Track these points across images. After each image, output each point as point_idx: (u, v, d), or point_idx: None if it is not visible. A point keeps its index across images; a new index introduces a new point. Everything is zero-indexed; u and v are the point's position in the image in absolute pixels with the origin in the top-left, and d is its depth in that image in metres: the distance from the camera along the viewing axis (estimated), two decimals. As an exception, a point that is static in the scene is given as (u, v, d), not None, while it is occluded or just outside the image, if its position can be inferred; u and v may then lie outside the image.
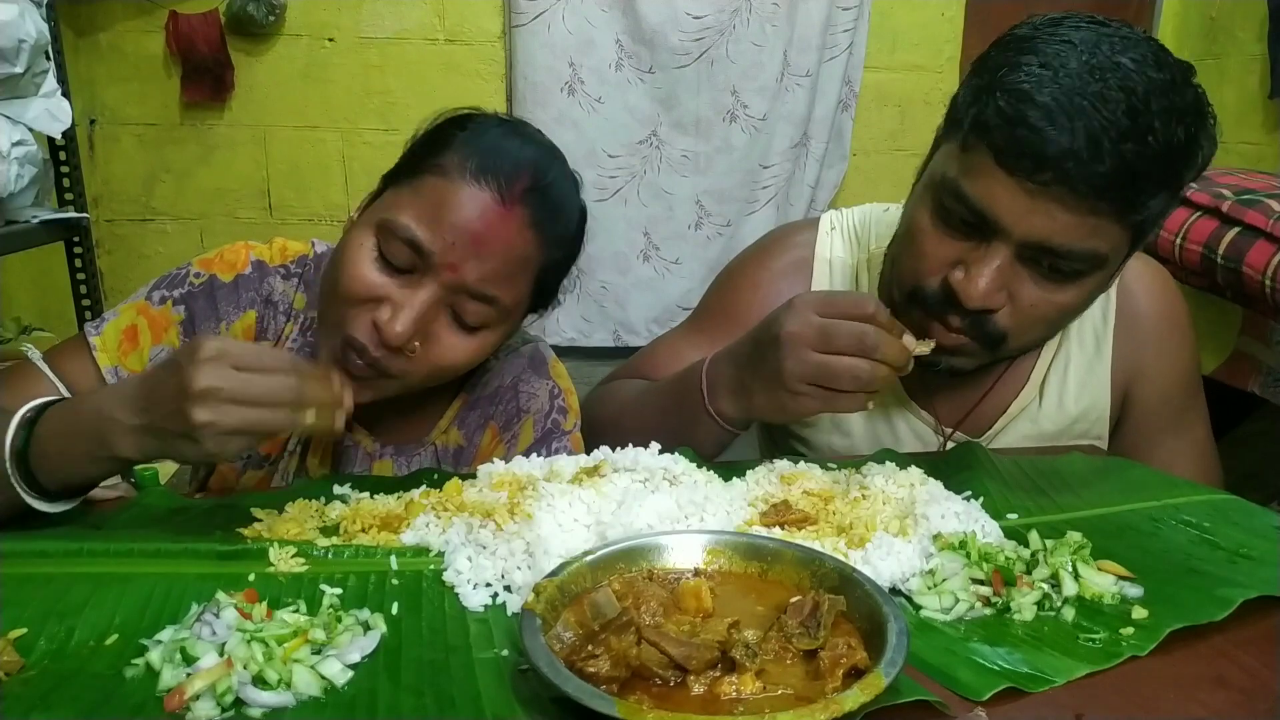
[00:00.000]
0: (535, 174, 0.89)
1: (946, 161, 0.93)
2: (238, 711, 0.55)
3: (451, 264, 0.86)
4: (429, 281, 0.87)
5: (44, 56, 1.78)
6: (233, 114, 3.07)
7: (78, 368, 0.96)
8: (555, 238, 0.93)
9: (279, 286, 1.04)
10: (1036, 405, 1.13)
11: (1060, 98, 0.83)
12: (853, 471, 0.90)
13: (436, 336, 0.90)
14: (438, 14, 3.12)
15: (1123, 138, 0.82)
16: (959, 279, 0.91)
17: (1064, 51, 0.85)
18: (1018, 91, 0.85)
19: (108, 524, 0.79)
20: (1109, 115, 0.82)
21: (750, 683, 0.55)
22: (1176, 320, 1.15)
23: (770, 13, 3.22)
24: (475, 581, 0.70)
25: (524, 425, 1.04)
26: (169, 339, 0.99)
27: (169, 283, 1.01)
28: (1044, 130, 0.83)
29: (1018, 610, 0.68)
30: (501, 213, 0.87)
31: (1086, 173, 0.83)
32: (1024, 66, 0.86)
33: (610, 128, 3.26)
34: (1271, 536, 0.81)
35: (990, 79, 0.89)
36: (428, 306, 0.87)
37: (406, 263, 0.87)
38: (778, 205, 3.50)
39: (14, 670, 0.58)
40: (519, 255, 0.90)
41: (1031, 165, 0.84)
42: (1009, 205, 0.87)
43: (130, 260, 3.08)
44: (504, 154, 0.89)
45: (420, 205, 0.87)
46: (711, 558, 0.70)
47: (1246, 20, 3.21)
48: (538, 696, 0.56)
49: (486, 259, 0.87)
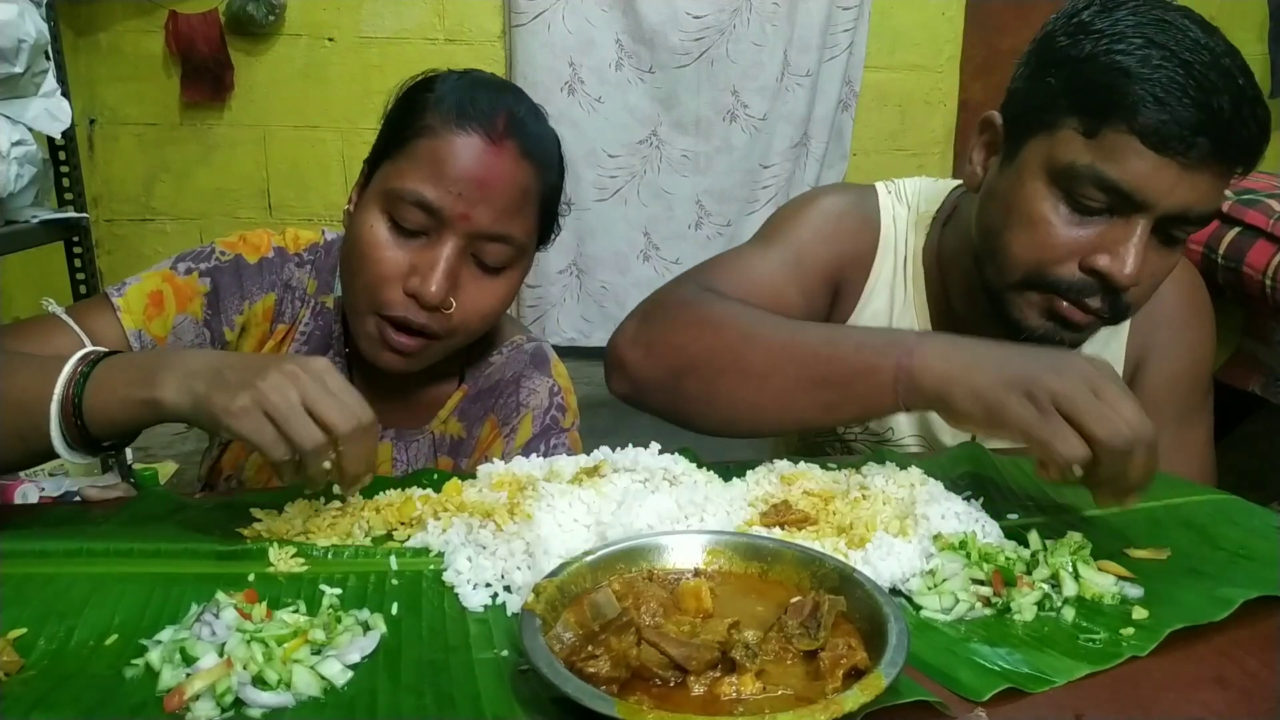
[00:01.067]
0: (511, 109, 0.94)
1: (1067, 150, 0.92)
2: (237, 712, 0.55)
3: (463, 213, 0.90)
4: (447, 235, 0.91)
5: (44, 56, 1.78)
6: (232, 114, 3.07)
7: (102, 325, 0.95)
8: (547, 164, 0.97)
9: (296, 274, 1.06)
10: None
11: (1191, 75, 0.86)
12: (853, 472, 0.90)
13: (467, 287, 0.94)
14: (438, 14, 3.12)
15: (1251, 102, 0.88)
16: (1106, 263, 0.92)
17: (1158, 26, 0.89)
18: (1146, 76, 0.88)
19: (108, 524, 0.79)
20: (1233, 84, 0.87)
21: (750, 683, 0.55)
22: (1197, 309, 1.16)
23: (770, 12, 3.23)
24: (475, 582, 0.70)
25: (523, 420, 1.04)
26: (193, 309, 1.00)
27: (194, 256, 1.02)
28: (1192, 108, 0.86)
29: (1018, 610, 0.68)
30: (495, 151, 0.91)
31: (1235, 140, 0.88)
32: (1126, 40, 0.89)
33: (610, 128, 3.26)
34: (1271, 536, 0.81)
35: (1091, 64, 0.90)
36: (454, 260, 0.91)
37: (421, 225, 0.91)
38: (778, 205, 3.49)
39: (14, 670, 0.58)
40: (521, 187, 0.93)
41: (1184, 143, 0.87)
42: (1159, 183, 0.89)
43: (130, 260, 3.08)
44: (478, 99, 0.93)
45: (419, 167, 0.91)
46: (711, 558, 0.70)
47: (1246, 20, 3.21)
48: (538, 697, 0.56)
49: (494, 199, 0.91)
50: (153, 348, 0.95)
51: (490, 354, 1.09)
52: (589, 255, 3.45)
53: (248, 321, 1.03)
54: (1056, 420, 0.75)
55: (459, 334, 0.96)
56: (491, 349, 1.10)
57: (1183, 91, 0.87)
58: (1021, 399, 0.77)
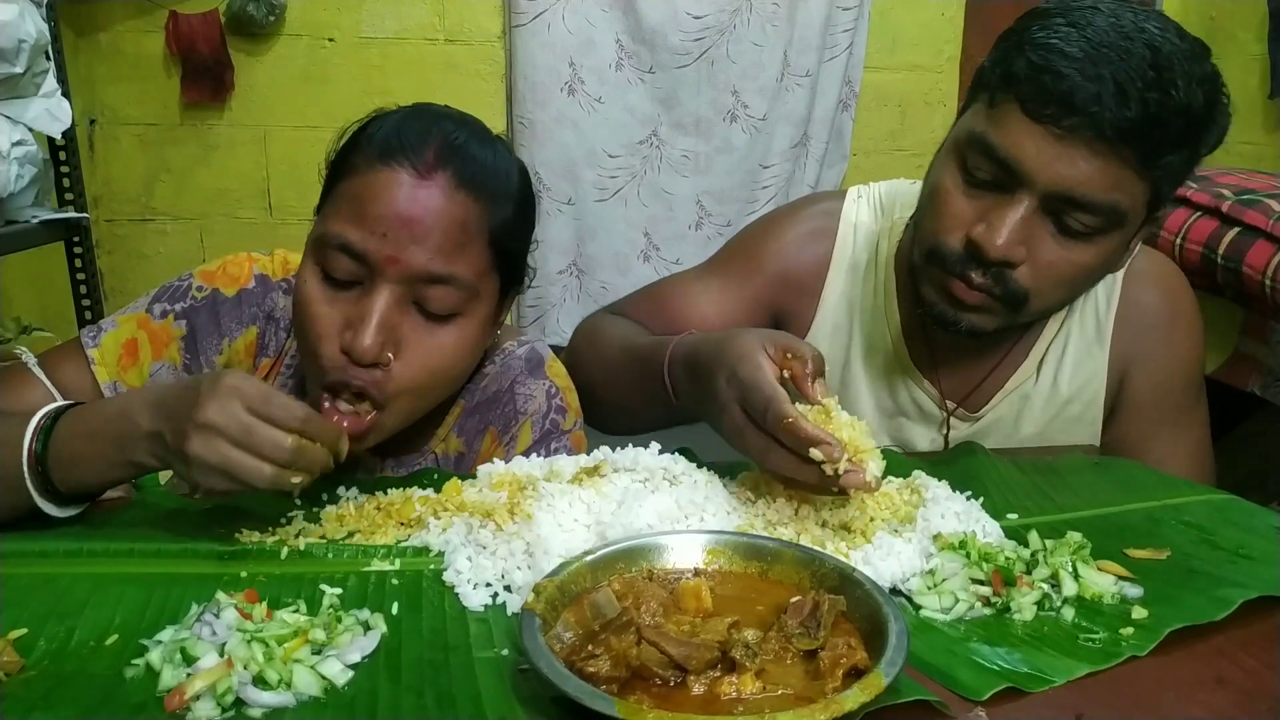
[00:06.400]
0: (444, 138, 0.86)
1: (973, 120, 0.95)
2: (238, 712, 0.55)
3: (391, 256, 0.82)
4: (379, 283, 0.83)
5: (44, 56, 1.78)
6: (233, 114, 3.07)
7: (73, 377, 0.95)
8: (492, 193, 0.88)
9: (280, 302, 1.03)
10: (1032, 382, 1.14)
11: (1088, 49, 0.87)
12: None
13: (410, 341, 0.85)
14: (438, 14, 3.12)
15: (1147, 87, 0.85)
16: (980, 231, 0.92)
17: (1091, 15, 0.89)
18: (1046, 45, 0.89)
19: (108, 524, 0.79)
20: (1135, 66, 0.85)
21: (750, 683, 0.55)
22: (1184, 315, 1.15)
23: (770, 13, 3.22)
24: (475, 581, 0.70)
25: (522, 427, 1.03)
26: (169, 355, 0.98)
27: (170, 295, 1.00)
28: (1072, 77, 0.86)
29: (1018, 610, 0.68)
30: (422, 183, 0.83)
31: (1112, 117, 0.86)
32: (1052, 26, 0.90)
33: (610, 128, 3.26)
34: (1271, 536, 0.82)
35: (1019, 38, 0.93)
36: (387, 309, 0.83)
37: (351, 274, 0.84)
38: (778, 205, 3.49)
39: (14, 670, 0.58)
40: (458, 221, 0.85)
41: (1059, 110, 0.87)
42: (1035, 153, 0.89)
43: (130, 260, 3.08)
44: (406, 131, 0.85)
45: (343, 211, 0.85)
46: (711, 558, 0.70)
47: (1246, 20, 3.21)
48: (538, 696, 0.56)
49: (424, 236, 0.83)
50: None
51: (483, 365, 1.06)
52: (589, 255, 3.45)
53: (229, 360, 1.00)
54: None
55: (408, 395, 0.86)
56: (485, 361, 1.08)
57: (1066, 61, 0.87)
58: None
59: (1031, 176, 0.89)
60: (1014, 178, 0.91)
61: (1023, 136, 0.89)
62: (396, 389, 0.85)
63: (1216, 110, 0.90)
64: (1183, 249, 1.66)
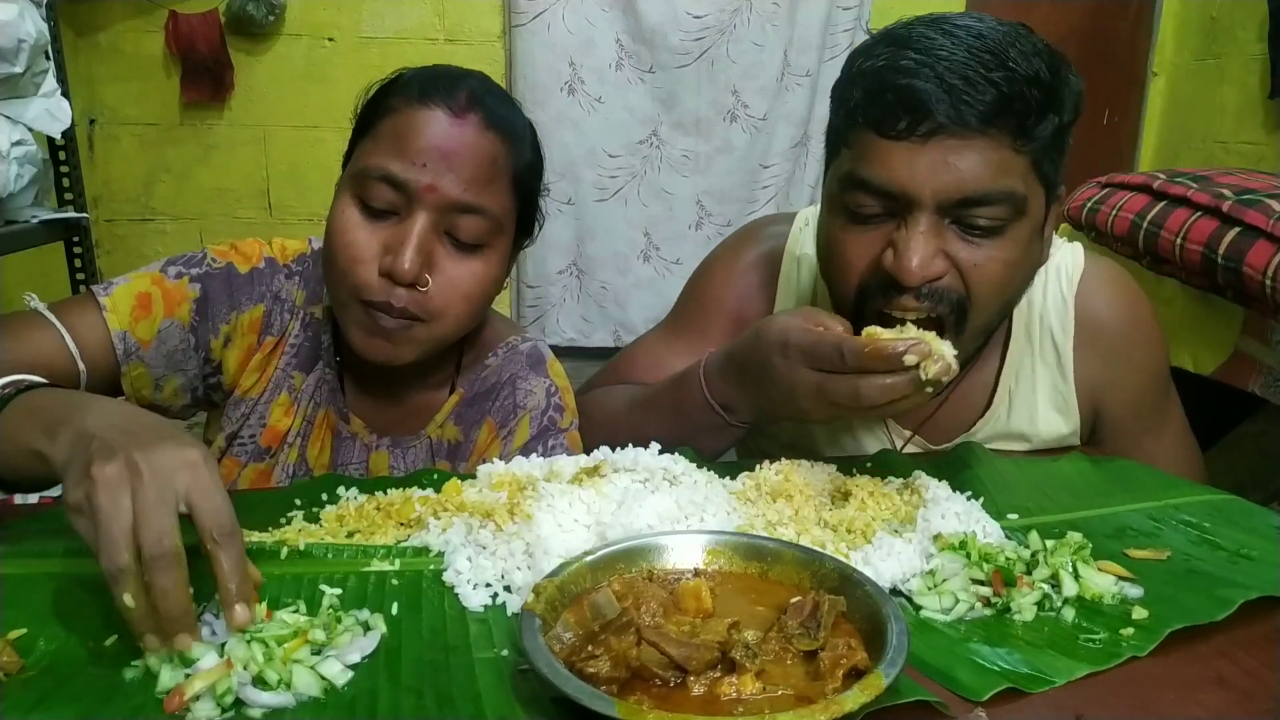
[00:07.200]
0: (474, 87, 0.95)
1: (838, 169, 0.95)
2: (238, 712, 0.55)
3: (430, 185, 0.90)
4: (417, 210, 0.91)
5: (44, 56, 1.79)
6: (233, 114, 3.07)
7: (86, 323, 0.93)
8: (516, 138, 0.96)
9: (285, 284, 1.05)
10: (1004, 420, 1.11)
11: (918, 58, 0.86)
12: (856, 472, 0.90)
13: (443, 265, 0.93)
14: (438, 14, 3.12)
15: (987, 68, 0.84)
16: (891, 261, 0.89)
17: (907, 30, 0.90)
18: (876, 70, 0.89)
19: (107, 524, 0.79)
20: (968, 56, 0.85)
21: (750, 683, 0.55)
22: (1140, 324, 1.12)
23: (770, 13, 3.23)
24: (475, 582, 0.70)
25: (520, 422, 1.04)
26: (180, 315, 0.98)
27: (185, 261, 1.01)
28: (913, 84, 0.85)
29: (1018, 610, 0.68)
30: (457, 121, 0.92)
31: (966, 108, 0.84)
32: (875, 54, 0.90)
33: (610, 128, 3.26)
34: (1271, 536, 0.82)
35: (848, 76, 0.93)
36: (424, 233, 0.90)
37: (390, 203, 0.91)
38: (778, 205, 3.50)
39: (14, 670, 0.58)
40: (488, 156, 0.93)
41: (913, 120, 0.86)
42: (908, 170, 0.87)
43: (130, 260, 3.08)
44: (441, 78, 0.94)
45: (383, 145, 0.92)
46: (711, 558, 0.70)
47: (1246, 20, 3.21)
48: (538, 696, 0.56)
49: (460, 168, 0.91)
50: (137, 351, 0.94)
51: (485, 357, 1.08)
52: (589, 255, 3.45)
53: (233, 332, 1.01)
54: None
55: (443, 317, 0.94)
56: (486, 352, 1.09)
57: (902, 74, 0.86)
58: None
59: (916, 193, 0.87)
60: (899, 201, 0.88)
61: (890, 158, 0.88)
62: (432, 310, 0.93)
63: (1063, 75, 0.89)
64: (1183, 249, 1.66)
